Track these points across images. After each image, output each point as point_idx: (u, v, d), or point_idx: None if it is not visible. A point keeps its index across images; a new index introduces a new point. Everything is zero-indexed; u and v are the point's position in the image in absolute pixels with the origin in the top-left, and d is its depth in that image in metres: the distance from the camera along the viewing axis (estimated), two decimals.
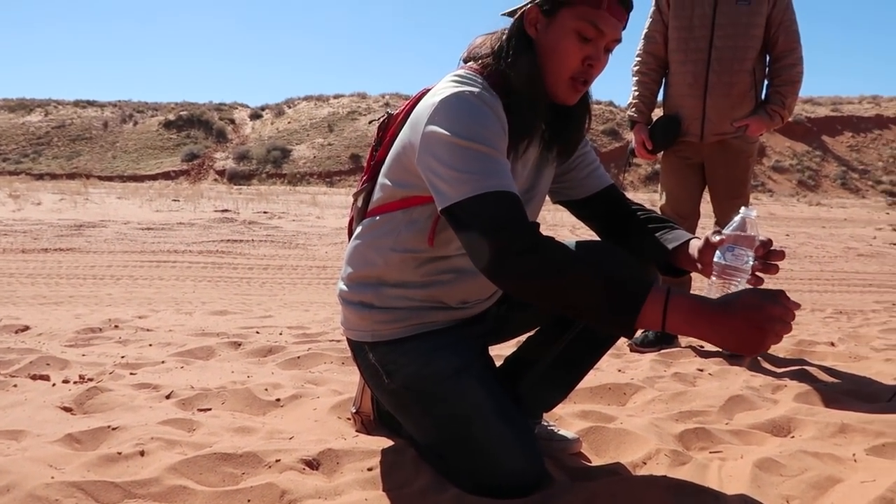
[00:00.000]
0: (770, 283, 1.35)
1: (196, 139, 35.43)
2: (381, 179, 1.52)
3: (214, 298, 4.85)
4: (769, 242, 1.32)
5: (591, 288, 1.18)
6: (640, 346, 3.00)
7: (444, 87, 1.37)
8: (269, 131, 36.97)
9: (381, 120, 1.62)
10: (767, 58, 2.90)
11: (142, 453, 1.53)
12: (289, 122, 37.95)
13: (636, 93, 3.07)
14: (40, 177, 28.83)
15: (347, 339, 1.62)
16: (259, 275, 6.19)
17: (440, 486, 1.39)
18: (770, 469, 1.57)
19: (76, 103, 40.11)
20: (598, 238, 1.67)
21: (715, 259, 1.30)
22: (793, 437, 1.89)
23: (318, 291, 5.39)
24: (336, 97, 41.38)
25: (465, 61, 1.49)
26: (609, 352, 2.91)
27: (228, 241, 8.43)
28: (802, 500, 1.45)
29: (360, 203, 1.63)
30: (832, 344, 3.26)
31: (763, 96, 2.90)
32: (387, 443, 1.65)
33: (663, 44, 2.99)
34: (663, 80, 3.07)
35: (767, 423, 1.94)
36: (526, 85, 1.38)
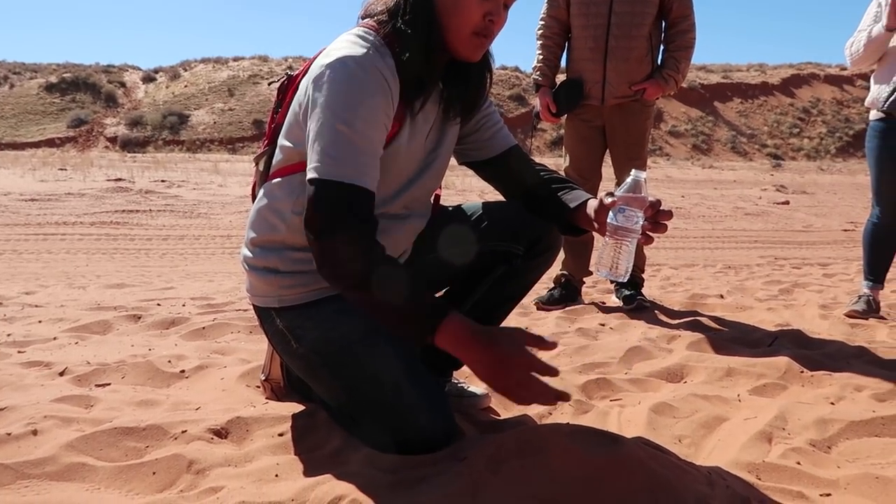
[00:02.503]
0: (665, 241, 1.42)
1: (83, 104, 33.11)
2: (281, 141, 1.49)
3: (110, 272, 4.61)
4: (658, 203, 1.38)
5: (384, 311, 1.31)
6: (546, 305, 3.09)
7: (335, 49, 1.36)
8: (165, 95, 35.05)
9: (281, 82, 1.59)
10: (663, 24, 3.01)
11: (34, 432, 1.45)
12: (185, 86, 36.10)
13: (540, 56, 3.12)
14: None
15: (254, 305, 1.58)
16: (158, 245, 5.92)
17: (352, 447, 1.40)
18: (664, 412, 1.68)
19: None
20: (503, 199, 1.70)
21: (608, 220, 1.35)
22: (685, 382, 2.02)
23: (223, 261, 5.22)
24: (236, 60, 39.68)
25: (363, 18, 1.46)
26: (516, 310, 3.00)
27: (124, 211, 8.00)
28: (693, 438, 1.56)
29: (261, 167, 1.59)
30: (721, 296, 3.48)
31: (659, 61, 3.01)
32: (298, 408, 1.63)
33: (566, 8, 3.03)
34: (566, 45, 3.12)
35: (663, 371, 2.07)
36: (421, 41, 1.38)
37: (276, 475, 1.30)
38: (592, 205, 1.49)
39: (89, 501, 1.13)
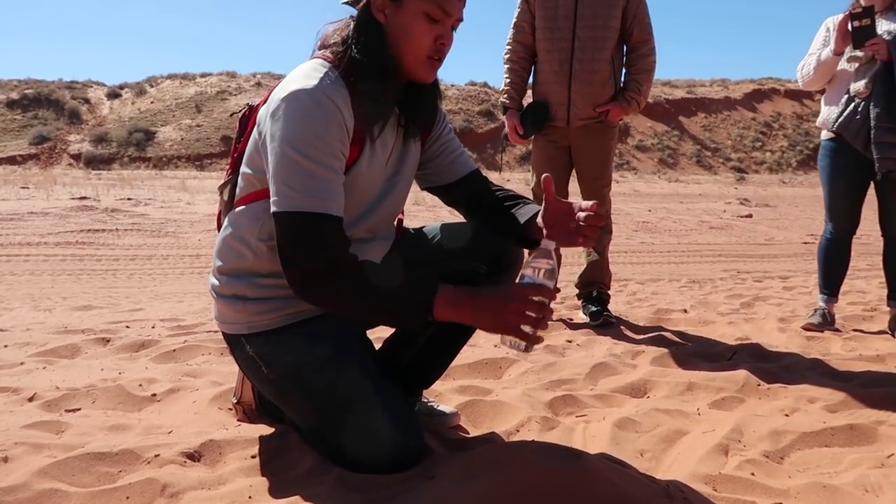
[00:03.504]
0: (632, 256, 1.48)
1: (45, 120, 32.54)
2: (243, 169, 1.53)
3: (77, 293, 4.55)
4: (588, 208, 1.46)
5: (377, 311, 1.40)
6: None
7: (290, 81, 1.42)
8: (130, 112, 34.64)
9: (242, 112, 1.64)
10: (624, 48, 3.11)
11: (5, 459, 1.45)
12: (152, 102, 35.72)
13: (507, 80, 3.20)
14: None
15: (223, 333, 1.61)
16: (126, 266, 5.86)
17: (324, 468, 1.43)
18: (627, 427, 1.74)
19: None
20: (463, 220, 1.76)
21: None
22: (648, 397, 2.08)
23: (193, 281, 5.19)
24: (203, 76, 39.40)
25: (319, 49, 1.52)
26: None
27: (89, 230, 7.88)
28: (654, 452, 1.62)
29: (226, 196, 1.63)
30: (685, 311, 3.58)
31: (622, 83, 3.11)
32: (270, 430, 1.66)
33: (531, 33, 3.13)
34: (532, 68, 3.21)
35: (627, 387, 2.13)
36: (375, 69, 1.44)
37: (250, 497, 1.33)
38: (539, 219, 1.55)
39: None
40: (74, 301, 4.12)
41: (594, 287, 3.24)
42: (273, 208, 1.36)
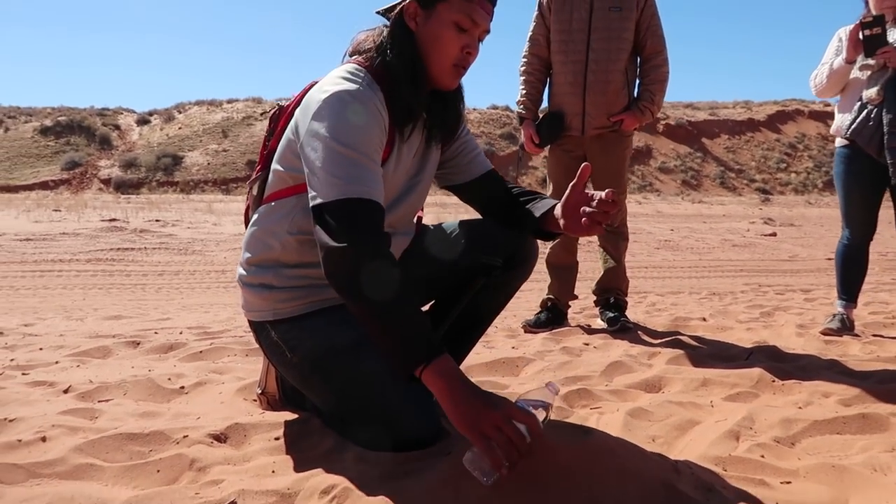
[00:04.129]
0: (651, 271, 1.53)
1: (77, 146, 33.35)
2: (274, 166, 1.61)
3: (107, 305, 4.69)
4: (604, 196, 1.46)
5: (384, 329, 1.32)
6: (533, 328, 3.20)
7: (329, 84, 1.48)
8: (159, 137, 35.38)
9: (273, 112, 1.73)
10: (638, 59, 3.18)
11: (43, 439, 1.54)
12: (180, 128, 36.47)
13: (523, 91, 3.28)
14: None
15: (249, 321, 1.69)
16: (154, 281, 6.01)
17: (344, 447, 1.49)
18: (640, 416, 1.77)
19: None
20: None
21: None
22: (662, 392, 2.11)
23: (218, 294, 5.31)
24: (230, 102, 40.17)
25: (351, 54, 1.60)
26: (504, 332, 3.09)
27: (119, 249, 8.09)
28: (666, 438, 1.65)
29: (255, 191, 1.71)
30: (704, 319, 3.59)
31: (635, 94, 3.18)
32: (292, 416, 1.72)
33: (546, 46, 3.21)
34: (548, 79, 3.29)
35: (641, 382, 2.17)
36: (409, 74, 1.52)
37: (273, 471, 1.39)
38: (557, 209, 1.61)
39: (100, 493, 1.21)
40: (105, 312, 4.25)
41: (611, 293, 3.27)
42: (319, 200, 1.37)
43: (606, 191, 1.49)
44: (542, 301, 3.36)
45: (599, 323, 3.31)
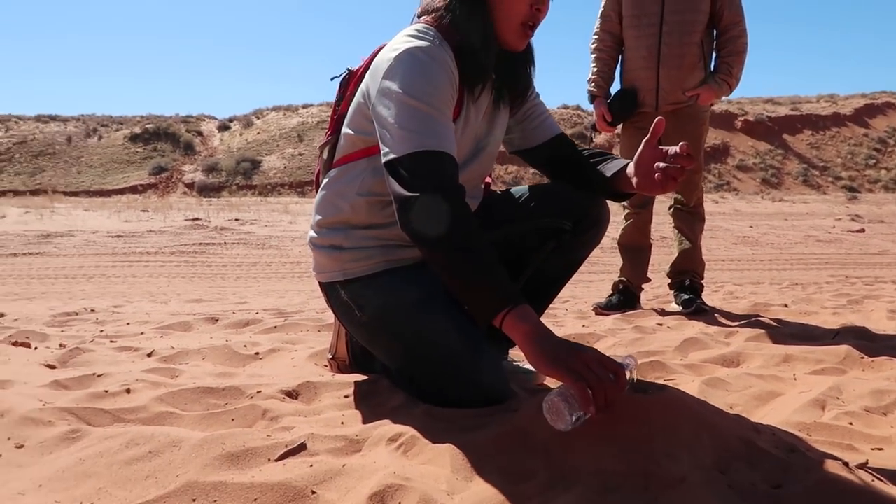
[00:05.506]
0: (729, 264, 1.47)
1: (163, 152, 35.04)
2: (345, 129, 1.62)
3: (189, 291, 4.90)
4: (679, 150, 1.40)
5: (464, 278, 1.30)
6: (605, 310, 3.13)
7: (399, 43, 1.48)
8: (239, 142, 36.72)
9: (342, 76, 1.74)
10: (714, 31, 3.07)
11: (128, 391, 1.61)
12: (258, 133, 37.74)
13: (594, 69, 3.22)
14: (2, 193, 28.26)
15: (320, 283, 1.71)
16: (233, 271, 6.23)
17: (412, 403, 1.49)
18: (717, 386, 1.70)
19: (38, 118, 39.38)
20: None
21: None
22: (741, 367, 2.02)
23: (293, 282, 5.46)
24: (305, 107, 41.24)
25: (419, 16, 1.60)
26: (575, 315, 3.04)
27: (201, 244, 8.44)
28: (745, 407, 1.58)
29: (325, 155, 1.73)
30: (786, 305, 3.43)
31: (712, 67, 3.07)
32: (362, 378, 1.74)
33: (618, 21, 3.14)
34: (619, 56, 3.22)
35: (718, 358, 2.08)
36: (478, 33, 1.50)
37: (342, 423, 1.41)
38: (630, 167, 1.57)
39: (178, 433, 1.26)
40: (187, 296, 4.43)
41: (686, 276, 3.17)
42: (392, 155, 1.37)
43: (681, 143, 1.43)
44: (613, 284, 3.29)
45: (674, 307, 3.21)
